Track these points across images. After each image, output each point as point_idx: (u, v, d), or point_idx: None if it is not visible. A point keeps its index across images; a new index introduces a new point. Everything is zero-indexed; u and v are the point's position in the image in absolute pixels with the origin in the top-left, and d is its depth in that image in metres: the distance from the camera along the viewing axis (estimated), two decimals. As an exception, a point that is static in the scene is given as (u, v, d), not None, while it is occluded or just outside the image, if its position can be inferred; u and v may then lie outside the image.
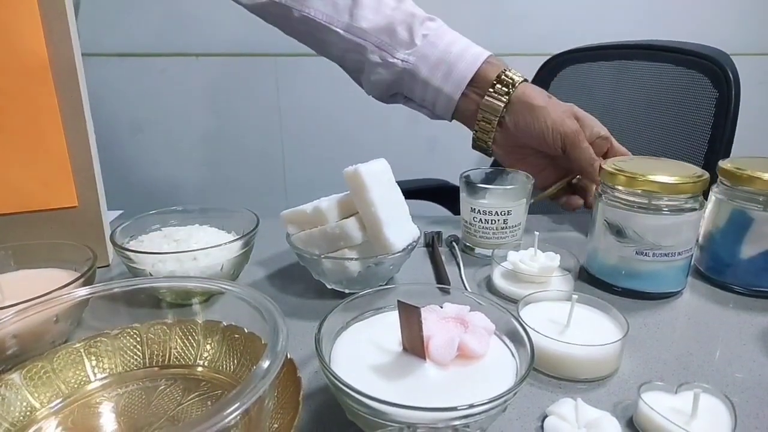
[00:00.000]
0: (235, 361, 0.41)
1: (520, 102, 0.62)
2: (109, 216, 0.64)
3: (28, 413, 0.37)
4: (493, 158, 1.22)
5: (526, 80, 0.64)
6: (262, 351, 0.39)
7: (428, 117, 0.71)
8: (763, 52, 1.44)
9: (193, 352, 0.43)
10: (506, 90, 0.61)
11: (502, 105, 0.62)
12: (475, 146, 0.69)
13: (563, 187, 0.69)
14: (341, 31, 0.63)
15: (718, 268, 0.57)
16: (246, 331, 0.42)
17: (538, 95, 0.62)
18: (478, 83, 0.63)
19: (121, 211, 0.77)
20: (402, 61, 0.62)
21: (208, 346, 0.43)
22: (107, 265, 0.62)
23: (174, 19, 1.37)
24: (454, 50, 0.62)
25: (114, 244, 0.52)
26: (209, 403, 0.39)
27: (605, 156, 0.66)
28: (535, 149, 0.65)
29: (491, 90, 0.62)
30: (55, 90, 0.54)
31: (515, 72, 0.64)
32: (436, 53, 0.62)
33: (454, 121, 0.71)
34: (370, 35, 0.62)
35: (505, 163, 0.69)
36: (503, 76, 0.62)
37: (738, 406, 0.36)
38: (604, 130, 0.64)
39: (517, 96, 0.62)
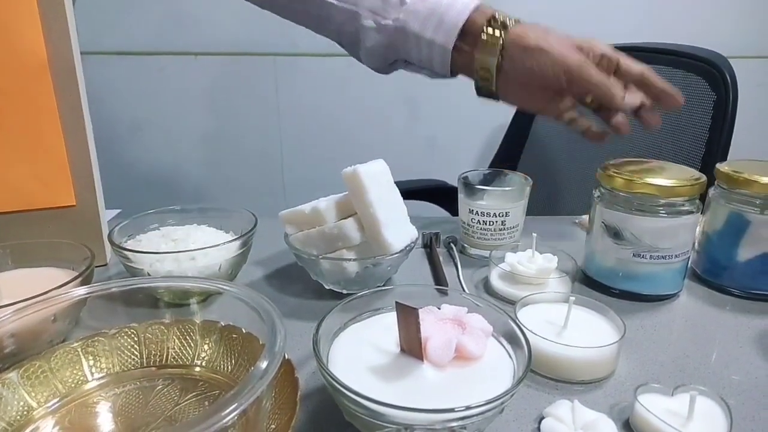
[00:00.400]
0: (233, 362, 0.42)
1: (514, 46, 0.59)
2: (107, 215, 0.64)
3: (25, 412, 0.37)
4: (492, 158, 1.23)
5: (519, 21, 0.61)
6: (259, 351, 0.40)
7: (429, 77, 0.68)
8: (760, 55, 1.44)
9: (190, 352, 0.43)
10: (498, 35, 0.59)
11: (497, 50, 0.59)
12: (480, 94, 0.65)
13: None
14: (336, 2, 0.63)
15: (715, 271, 0.58)
16: (244, 331, 0.42)
17: (532, 34, 0.59)
18: (469, 34, 0.61)
19: (119, 210, 0.76)
20: (394, 20, 0.62)
21: (206, 346, 0.43)
22: (105, 264, 0.62)
23: (173, 18, 1.36)
24: (444, 2, 0.61)
25: (112, 243, 0.52)
26: (206, 403, 0.39)
27: (616, 73, 0.60)
28: (536, 79, 0.61)
29: (483, 37, 0.59)
30: (54, 89, 0.54)
31: (506, 15, 0.61)
32: (426, 6, 0.61)
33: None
34: (364, 1, 0.62)
35: (515, 104, 0.66)
36: (492, 21, 0.60)
37: (734, 409, 0.37)
38: (607, 49, 0.60)
39: (511, 40, 0.59)
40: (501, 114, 1.28)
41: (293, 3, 0.67)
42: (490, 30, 0.59)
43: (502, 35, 0.59)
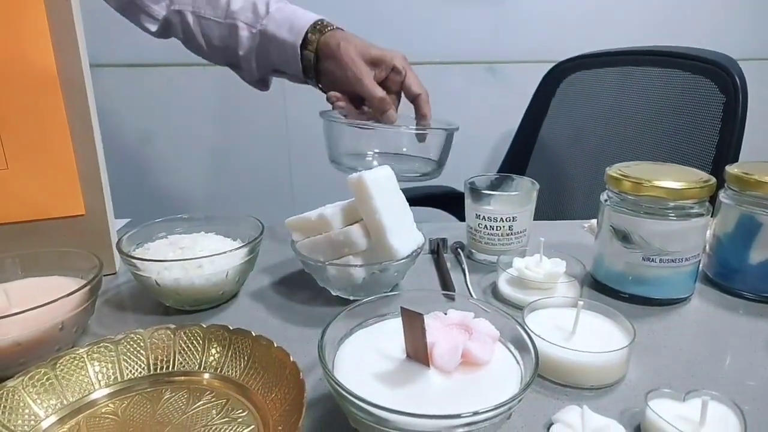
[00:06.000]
0: (243, 364, 0.42)
1: (321, 49, 0.71)
2: (117, 224, 0.64)
3: (32, 422, 0.37)
4: (500, 164, 1.23)
5: (339, 29, 0.73)
6: (270, 353, 0.40)
7: (297, 82, 0.80)
8: (769, 57, 1.43)
9: (197, 357, 0.43)
10: (315, 38, 0.71)
11: (313, 49, 0.72)
12: (305, 76, 0.77)
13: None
14: (218, 20, 0.76)
15: (727, 274, 0.57)
16: (254, 334, 0.42)
17: (334, 42, 0.71)
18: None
19: (128, 220, 0.77)
20: (260, 26, 0.74)
21: (213, 351, 0.43)
22: (114, 273, 0.62)
23: (182, 29, 1.38)
24: (299, 13, 0.74)
25: (120, 251, 0.52)
26: (214, 411, 0.39)
27: (401, 87, 0.72)
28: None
29: (308, 37, 0.72)
30: (63, 100, 0.55)
31: (329, 24, 0.73)
32: (284, 15, 0.73)
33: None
34: (239, 14, 0.74)
35: (328, 85, 0.76)
36: (316, 25, 0.72)
37: (749, 415, 0.36)
38: (400, 63, 0.72)
39: (321, 45, 0.71)
40: (507, 121, 1.28)
41: (194, 27, 0.78)
42: (311, 34, 0.71)
43: (317, 38, 0.71)
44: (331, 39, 0.70)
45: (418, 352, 0.36)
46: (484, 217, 0.62)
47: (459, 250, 0.66)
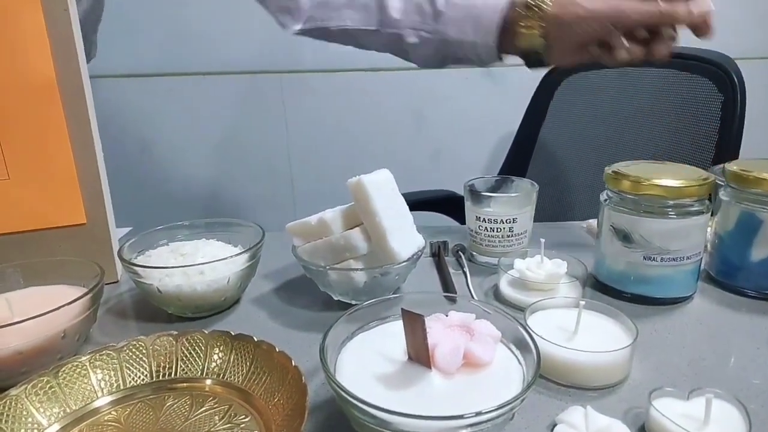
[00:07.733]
0: (245, 370, 0.41)
1: (554, 26, 0.61)
2: (118, 233, 0.64)
3: (35, 431, 0.37)
4: (500, 167, 1.23)
5: None
6: (273, 359, 0.40)
7: (480, 67, 0.71)
8: (766, 56, 1.43)
9: (200, 363, 0.43)
10: (535, 22, 0.61)
11: (539, 35, 0.61)
12: (530, 67, 0.67)
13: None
14: (378, 29, 0.68)
15: (729, 272, 0.57)
16: (255, 340, 0.42)
17: (564, 10, 0.60)
18: (510, 22, 0.63)
19: (130, 228, 0.77)
20: (433, 32, 0.66)
21: (216, 357, 0.43)
22: (116, 281, 0.62)
23: (180, 39, 1.39)
24: (479, 3, 0.64)
25: (122, 259, 0.52)
26: (217, 417, 0.38)
27: None
28: (584, 41, 0.62)
29: (522, 30, 0.62)
30: (62, 108, 0.55)
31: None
32: (459, 13, 0.64)
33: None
34: (403, 21, 0.67)
35: (568, 65, 0.67)
36: (526, 10, 0.61)
37: (754, 413, 0.36)
38: None
39: (550, 21, 0.60)
40: (507, 123, 1.28)
41: (339, 36, 0.71)
42: (525, 21, 0.61)
43: (540, 21, 0.61)
44: (560, 11, 0.59)
45: (420, 354, 0.36)
46: (484, 219, 0.62)
47: (460, 252, 0.66)
